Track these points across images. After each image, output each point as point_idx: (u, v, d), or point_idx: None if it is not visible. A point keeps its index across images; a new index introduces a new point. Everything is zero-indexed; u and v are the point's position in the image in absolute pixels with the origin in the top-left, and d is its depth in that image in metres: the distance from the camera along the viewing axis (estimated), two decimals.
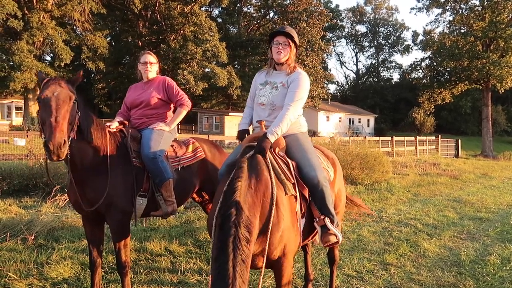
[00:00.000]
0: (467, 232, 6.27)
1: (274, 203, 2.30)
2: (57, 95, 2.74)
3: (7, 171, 7.58)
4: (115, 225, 3.26)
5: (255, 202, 2.25)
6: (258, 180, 2.35)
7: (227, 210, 2.13)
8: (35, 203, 6.87)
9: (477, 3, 33.13)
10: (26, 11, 28.26)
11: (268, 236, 2.23)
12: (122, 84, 38.10)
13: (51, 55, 36.34)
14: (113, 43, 41.44)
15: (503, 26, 29.75)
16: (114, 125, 3.51)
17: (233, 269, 1.94)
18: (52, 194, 6.44)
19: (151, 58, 3.81)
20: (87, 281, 3.77)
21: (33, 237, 4.80)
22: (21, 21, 26.99)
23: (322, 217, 2.74)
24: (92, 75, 42.47)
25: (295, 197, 2.58)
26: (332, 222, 2.75)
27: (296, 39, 3.03)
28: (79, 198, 3.14)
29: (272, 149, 2.69)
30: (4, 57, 28.79)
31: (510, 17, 31.03)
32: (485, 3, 31.61)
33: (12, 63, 28.02)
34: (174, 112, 3.87)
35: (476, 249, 5.37)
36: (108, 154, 3.19)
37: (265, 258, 2.24)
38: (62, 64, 29.26)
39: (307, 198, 2.70)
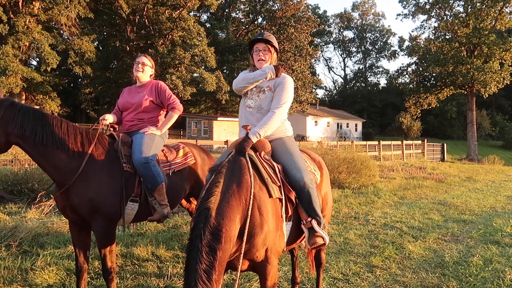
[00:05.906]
0: (451, 234, 6.37)
1: (251, 204, 2.31)
2: None
3: None
4: (100, 231, 3.21)
5: (235, 205, 2.27)
6: (239, 182, 2.37)
7: (197, 217, 2.19)
8: (19, 209, 6.77)
9: (461, 10, 33.93)
10: (11, 15, 27.90)
11: (244, 239, 2.24)
12: (109, 89, 37.83)
13: (37, 59, 35.90)
14: (101, 48, 41.19)
15: (487, 32, 30.44)
16: (109, 118, 3.55)
17: (194, 283, 2.00)
18: (37, 199, 6.37)
19: (144, 59, 3.85)
20: (73, 287, 3.74)
21: (17, 243, 4.74)
22: (6, 25, 26.61)
23: (309, 219, 2.75)
24: (79, 80, 42.09)
25: (281, 200, 2.60)
26: (319, 224, 2.77)
27: (275, 44, 3.10)
28: (65, 204, 3.13)
29: (258, 152, 2.70)
30: None
31: (493, 23, 31.78)
32: (469, 10, 32.36)
33: None
34: (165, 116, 3.89)
35: (460, 250, 5.46)
36: (89, 158, 3.15)
37: (240, 260, 2.25)
38: (49, 69, 28.90)
39: (294, 201, 2.71)
